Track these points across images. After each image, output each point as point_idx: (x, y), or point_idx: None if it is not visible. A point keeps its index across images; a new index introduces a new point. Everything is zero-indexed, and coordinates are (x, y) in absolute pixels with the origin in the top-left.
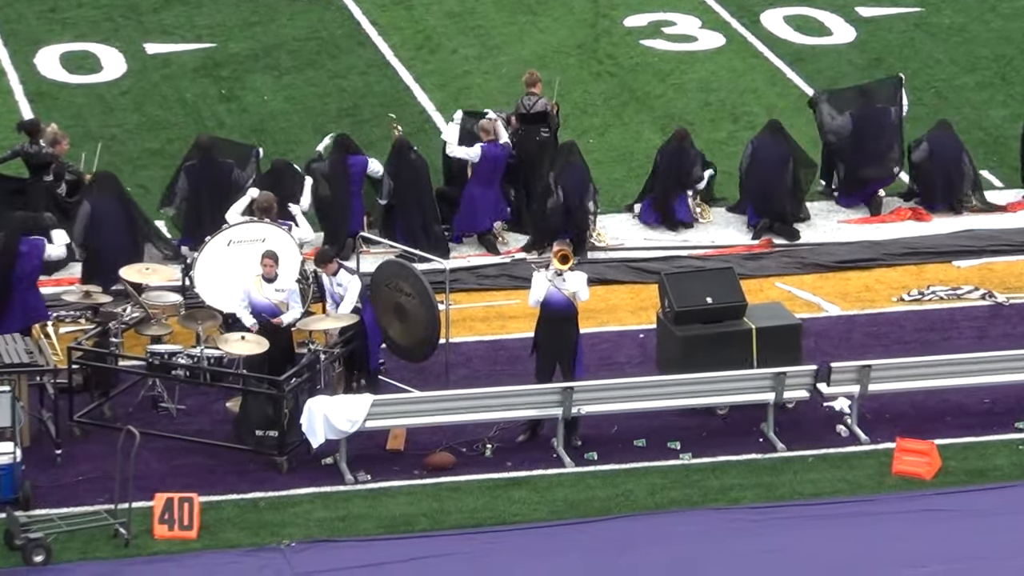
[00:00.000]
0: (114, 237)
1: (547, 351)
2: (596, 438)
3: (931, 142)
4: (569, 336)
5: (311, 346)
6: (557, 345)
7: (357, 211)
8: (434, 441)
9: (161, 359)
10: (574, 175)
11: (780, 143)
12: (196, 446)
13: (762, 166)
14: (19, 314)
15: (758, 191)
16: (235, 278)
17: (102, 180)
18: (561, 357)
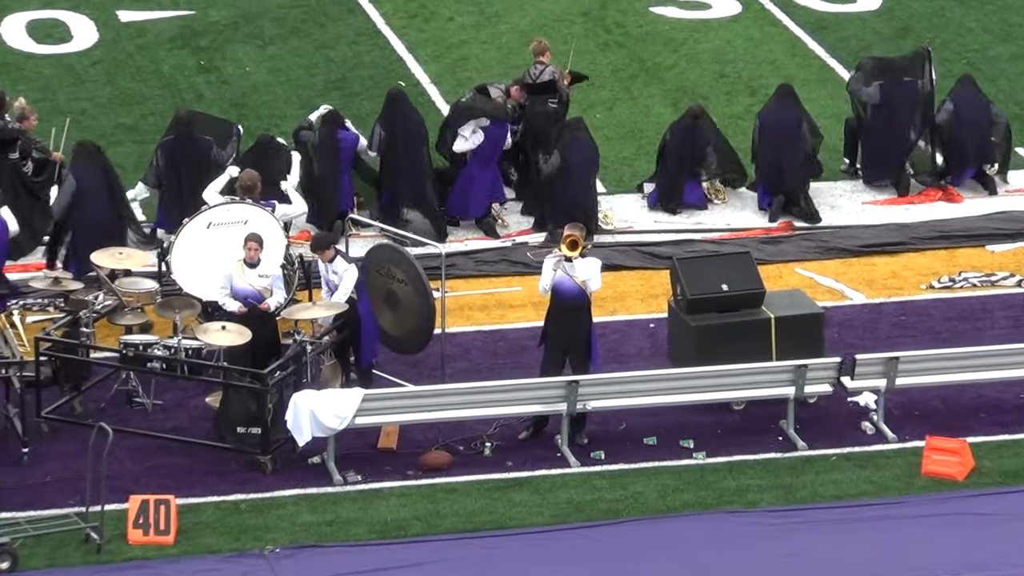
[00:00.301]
0: (98, 213)
1: (556, 343)
2: (603, 436)
3: (955, 100)
4: (580, 327)
5: (297, 336)
6: (567, 336)
7: (346, 190)
8: (429, 439)
9: (135, 351)
10: (581, 152)
11: (789, 108)
12: (173, 444)
13: (771, 137)
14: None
15: (769, 166)
16: (215, 263)
17: (85, 151)
18: (571, 350)
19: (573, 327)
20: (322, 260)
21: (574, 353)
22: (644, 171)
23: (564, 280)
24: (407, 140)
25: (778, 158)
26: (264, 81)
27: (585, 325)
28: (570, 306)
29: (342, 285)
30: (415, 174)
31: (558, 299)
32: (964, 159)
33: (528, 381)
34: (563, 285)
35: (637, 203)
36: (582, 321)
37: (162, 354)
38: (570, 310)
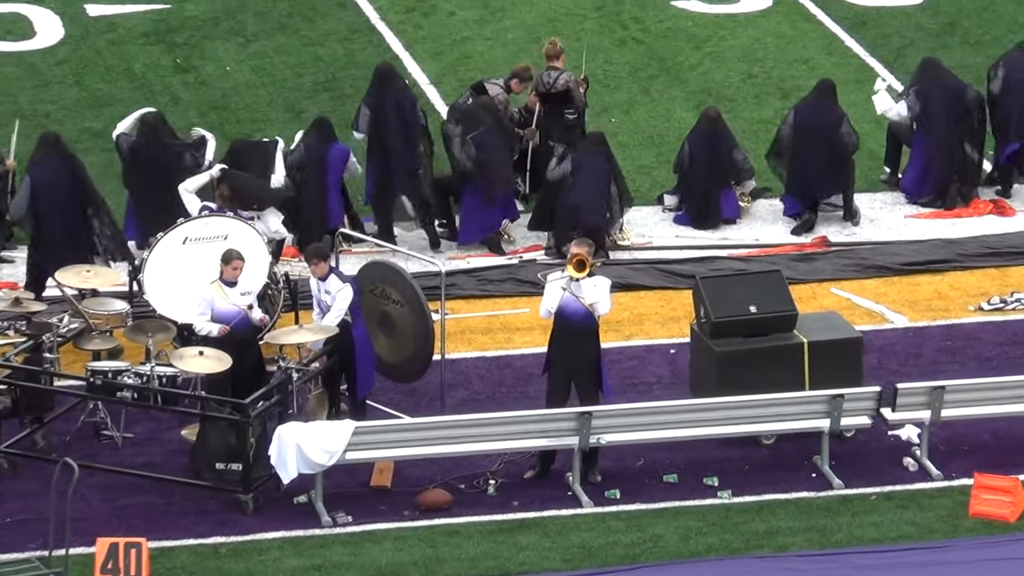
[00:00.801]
0: (60, 214)
1: (561, 370)
2: (619, 473)
3: (1008, 65)
4: (587, 353)
5: (282, 363)
6: (572, 364)
7: (335, 207)
8: (427, 476)
9: (104, 378)
10: (593, 169)
11: (830, 106)
12: (145, 482)
13: (808, 136)
14: None
15: (802, 169)
16: (192, 282)
17: (45, 144)
18: (578, 378)
19: (579, 353)
20: (314, 276)
21: (581, 381)
22: (664, 181)
23: (570, 302)
24: (400, 120)
25: (814, 161)
26: (246, 82)
27: (593, 351)
28: (576, 330)
29: (335, 306)
30: (409, 159)
31: (563, 323)
32: (1007, 130)
33: (536, 413)
34: (569, 308)
35: (656, 216)
36: (590, 347)
37: (133, 382)
38: (576, 335)
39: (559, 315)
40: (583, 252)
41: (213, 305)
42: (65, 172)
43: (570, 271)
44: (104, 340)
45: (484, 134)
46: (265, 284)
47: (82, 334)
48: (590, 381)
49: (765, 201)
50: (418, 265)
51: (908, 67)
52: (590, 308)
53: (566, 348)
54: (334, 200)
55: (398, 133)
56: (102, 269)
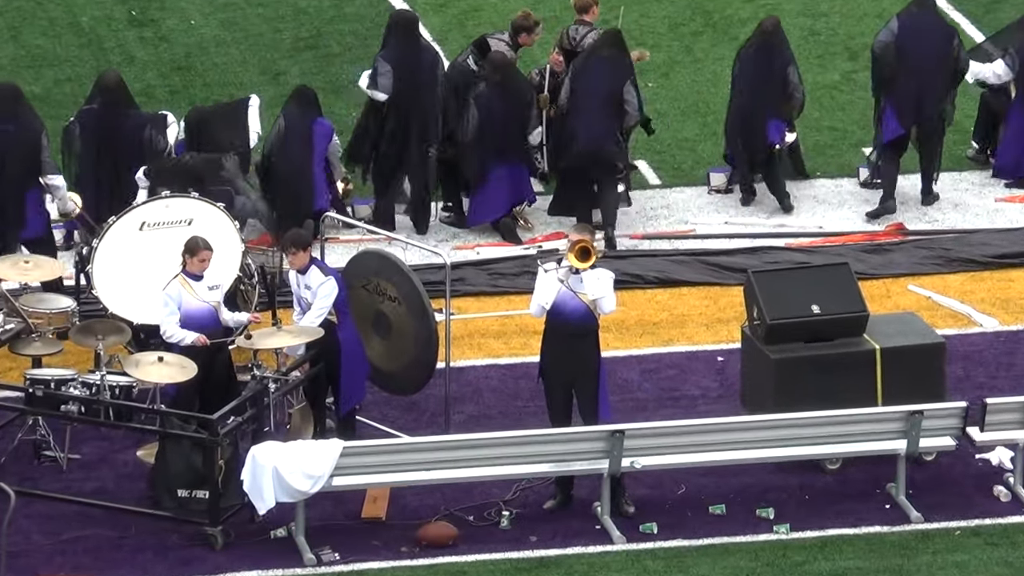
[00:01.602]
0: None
1: (557, 377)
2: (656, 503)
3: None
4: (586, 358)
5: (257, 372)
6: (570, 371)
7: (320, 185)
8: (429, 506)
9: (46, 389)
10: (598, 75)
11: (935, 19)
12: (95, 511)
13: (911, 52)
14: None
15: (906, 88)
16: (150, 276)
17: None
18: (576, 387)
19: (578, 359)
20: (293, 268)
21: (580, 391)
22: (710, 157)
23: (568, 299)
24: (426, 83)
25: (920, 83)
26: (214, 37)
27: (593, 356)
28: (574, 331)
29: (315, 304)
30: (430, 130)
31: (558, 322)
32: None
33: (558, 432)
34: (567, 305)
35: (701, 198)
36: (589, 351)
37: (80, 394)
38: (574, 337)
39: (554, 313)
40: (587, 239)
41: (180, 302)
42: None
43: (571, 261)
44: (45, 344)
45: (490, 96)
46: (237, 278)
47: (19, 336)
48: (592, 393)
49: (830, 181)
50: (419, 256)
51: (998, 23)
52: (591, 305)
53: (562, 352)
54: (320, 179)
55: (423, 99)
56: (43, 259)
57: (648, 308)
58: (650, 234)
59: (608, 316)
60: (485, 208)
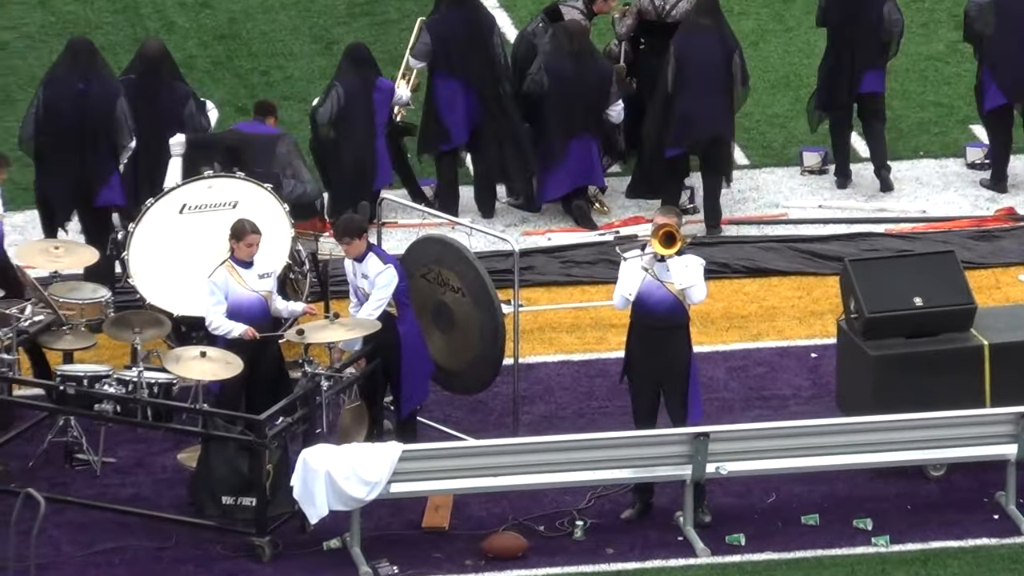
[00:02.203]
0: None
1: (643, 376)
2: (744, 512)
3: None
4: (677, 353)
5: (308, 368)
6: (658, 367)
7: (383, 160)
8: (495, 515)
9: (78, 386)
10: (706, 49)
11: None
12: (131, 520)
13: (1016, 8)
14: None
15: (1007, 51)
16: (191, 263)
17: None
18: (665, 385)
19: (666, 354)
20: (348, 256)
21: (669, 391)
22: (802, 135)
23: (654, 288)
24: (476, 50)
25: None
26: (261, 3)
27: (683, 352)
28: (662, 324)
29: (373, 294)
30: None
31: (644, 315)
32: None
33: (636, 434)
34: (653, 296)
35: (793, 179)
36: (678, 346)
37: (115, 392)
38: (663, 330)
39: (639, 305)
40: (672, 223)
41: (228, 292)
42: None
43: (654, 247)
44: (78, 337)
45: (561, 68)
46: (286, 266)
47: (49, 329)
48: (682, 392)
49: (934, 161)
50: (484, 242)
51: None
52: (679, 296)
53: (649, 348)
54: (382, 152)
55: (473, 68)
56: (76, 245)
57: (735, 300)
58: (737, 219)
59: (693, 308)
60: (553, 185)
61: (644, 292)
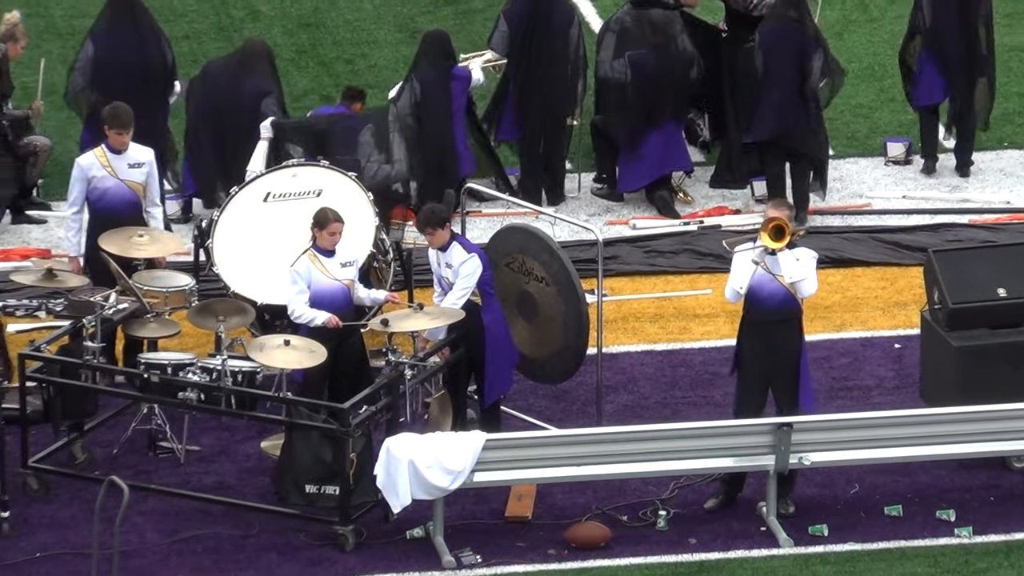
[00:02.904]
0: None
1: (753, 369)
2: (827, 503)
3: None
4: (787, 348)
5: (392, 357)
6: (768, 361)
7: (464, 150)
8: (579, 505)
9: (161, 375)
10: (789, 42)
11: None
12: (214, 508)
13: None
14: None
15: None
16: (275, 252)
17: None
18: (775, 380)
19: (778, 348)
20: (433, 246)
21: (781, 386)
22: (887, 126)
23: (765, 282)
24: (557, 42)
25: None
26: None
27: (794, 345)
28: (773, 318)
29: (457, 283)
30: (563, 98)
31: (756, 308)
32: None
33: (721, 424)
34: (764, 289)
35: (877, 170)
36: (791, 340)
37: (199, 380)
38: (774, 324)
39: (751, 298)
40: (782, 216)
41: (310, 280)
42: (135, 49)
43: (764, 240)
44: (162, 325)
45: (645, 57)
46: (370, 255)
47: (134, 317)
48: (792, 385)
49: (1018, 152)
50: (568, 231)
51: None
52: (791, 289)
53: (760, 342)
54: (462, 140)
55: (552, 61)
56: (160, 233)
57: (819, 290)
58: (821, 209)
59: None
60: (635, 174)
61: (755, 285)
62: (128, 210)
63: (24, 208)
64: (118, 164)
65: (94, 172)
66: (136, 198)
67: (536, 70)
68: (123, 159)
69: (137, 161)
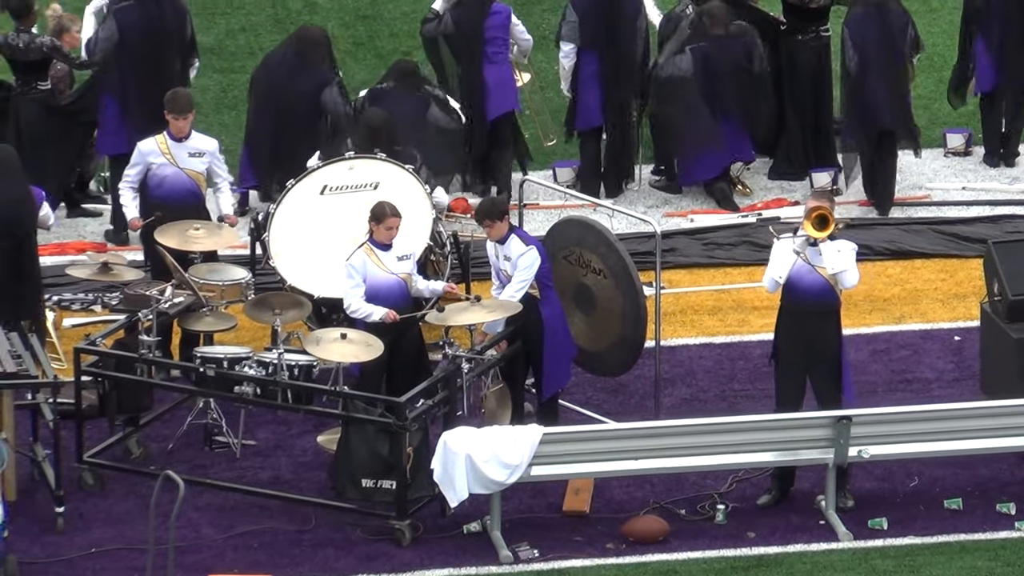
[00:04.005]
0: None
1: (790, 361)
2: (886, 496)
3: None
4: (826, 340)
5: (449, 351)
6: (807, 353)
7: (496, 87)
8: (636, 499)
9: (217, 368)
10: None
11: None
12: (270, 503)
13: None
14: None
15: None
16: (332, 245)
17: None
18: (813, 372)
19: (817, 339)
20: (491, 239)
21: (819, 378)
22: (946, 117)
23: (804, 272)
24: (624, 31)
25: None
26: None
27: (834, 337)
28: (813, 309)
29: (516, 276)
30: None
31: (795, 299)
32: None
33: (778, 418)
34: (804, 280)
35: (936, 161)
36: (830, 331)
37: (256, 374)
38: (812, 315)
39: (789, 289)
40: (825, 206)
41: (366, 274)
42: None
43: (807, 230)
44: (218, 319)
45: (707, 50)
46: (427, 247)
47: (189, 311)
48: (830, 377)
49: None
50: (626, 224)
51: None
52: (831, 280)
53: (799, 333)
54: (495, 79)
55: (622, 51)
56: (215, 226)
57: (878, 282)
58: None
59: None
60: (697, 168)
61: (795, 276)
62: (187, 199)
63: (80, 201)
64: (178, 152)
65: (153, 159)
66: (196, 187)
67: (607, 60)
68: (184, 147)
69: (198, 150)
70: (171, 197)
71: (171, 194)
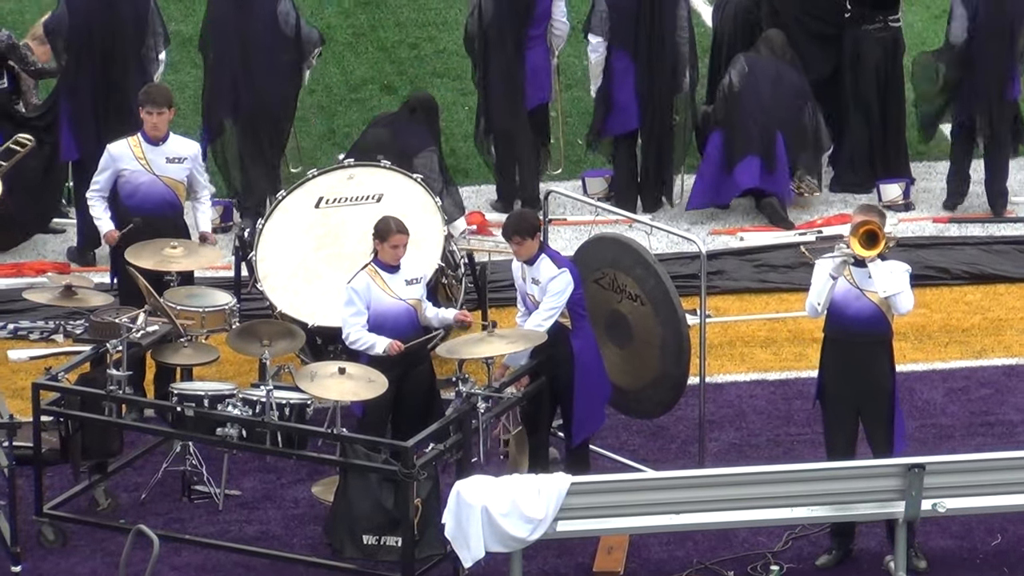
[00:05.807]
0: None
1: (839, 399)
2: (964, 556)
3: None
4: (878, 374)
5: (463, 388)
6: (855, 389)
7: (535, 76)
8: (678, 559)
9: (197, 408)
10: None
11: None
12: (257, 562)
13: None
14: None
15: None
16: (328, 265)
17: None
18: (865, 411)
19: (868, 373)
20: (519, 258)
21: (870, 418)
22: None
23: (852, 298)
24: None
25: None
26: None
27: (886, 372)
28: (861, 340)
29: (545, 301)
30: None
31: (841, 328)
32: None
33: (840, 466)
34: (852, 306)
35: (1022, 173)
36: (881, 364)
37: (241, 414)
38: (862, 346)
39: (835, 316)
40: (874, 220)
41: (370, 300)
42: None
43: (853, 247)
44: (197, 351)
45: (765, 66)
46: (438, 269)
47: (165, 341)
48: (885, 419)
49: None
50: (666, 242)
51: None
52: (882, 306)
53: (847, 366)
54: (534, 66)
55: (659, 46)
56: (195, 245)
57: (956, 310)
58: (958, 217)
59: (903, 320)
60: (748, 173)
61: (841, 301)
62: (164, 211)
63: None
64: (154, 157)
65: (125, 164)
66: (174, 198)
67: (643, 55)
68: (160, 151)
69: (178, 155)
70: (145, 208)
71: (145, 204)
